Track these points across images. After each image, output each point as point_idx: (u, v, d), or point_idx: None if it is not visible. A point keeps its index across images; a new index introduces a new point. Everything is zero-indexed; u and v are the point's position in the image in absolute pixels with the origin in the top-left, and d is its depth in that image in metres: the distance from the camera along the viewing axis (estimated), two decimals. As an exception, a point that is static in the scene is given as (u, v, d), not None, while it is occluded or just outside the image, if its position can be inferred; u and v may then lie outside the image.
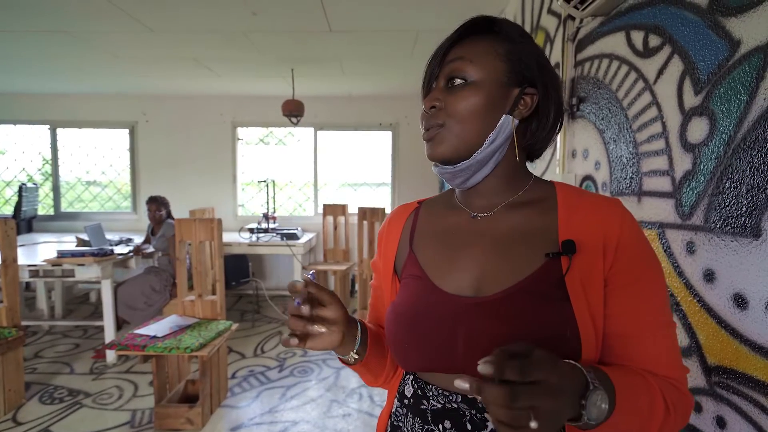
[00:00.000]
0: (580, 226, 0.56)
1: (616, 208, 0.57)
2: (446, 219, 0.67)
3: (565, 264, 0.55)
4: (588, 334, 0.53)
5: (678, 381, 0.55)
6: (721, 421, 0.85)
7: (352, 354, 0.64)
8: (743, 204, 0.80)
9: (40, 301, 3.95)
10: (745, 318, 0.80)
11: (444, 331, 0.57)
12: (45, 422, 2.32)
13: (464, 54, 0.59)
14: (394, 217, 0.73)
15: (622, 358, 0.55)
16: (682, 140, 0.97)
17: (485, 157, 0.59)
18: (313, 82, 4.09)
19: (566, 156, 1.59)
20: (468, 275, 0.60)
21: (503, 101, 0.59)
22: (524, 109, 0.60)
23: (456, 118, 0.58)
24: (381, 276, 0.72)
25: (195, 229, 2.54)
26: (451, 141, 0.59)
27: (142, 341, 2.19)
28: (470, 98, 0.58)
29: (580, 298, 0.54)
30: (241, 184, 5.03)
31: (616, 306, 0.55)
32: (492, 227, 0.62)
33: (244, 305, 4.53)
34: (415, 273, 0.64)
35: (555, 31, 1.70)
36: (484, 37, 0.60)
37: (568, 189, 0.62)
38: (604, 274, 0.55)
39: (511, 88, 0.59)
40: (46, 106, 4.78)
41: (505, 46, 0.59)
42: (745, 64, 0.81)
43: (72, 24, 2.65)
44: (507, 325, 0.54)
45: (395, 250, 0.70)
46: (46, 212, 4.99)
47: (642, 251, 0.56)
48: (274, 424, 2.33)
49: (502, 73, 0.59)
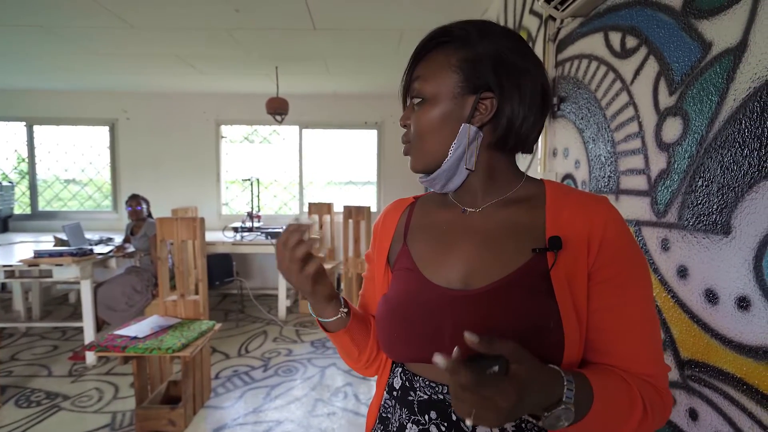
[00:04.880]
0: (567, 223, 0.58)
1: (602, 205, 0.58)
2: (439, 214, 0.69)
3: (551, 259, 0.57)
4: (572, 327, 0.54)
5: (656, 378, 0.56)
6: (694, 414, 0.88)
7: (342, 310, 0.67)
8: (714, 202, 0.82)
9: (17, 302, 3.85)
10: (715, 313, 0.82)
11: (432, 322, 0.59)
12: (22, 426, 2.26)
13: (421, 72, 0.62)
14: (389, 210, 0.75)
15: (602, 353, 0.56)
16: (658, 140, 0.99)
17: (452, 166, 0.62)
18: (298, 80, 4.07)
19: (547, 155, 1.62)
20: (457, 268, 0.62)
21: (460, 111, 0.60)
22: (484, 114, 0.60)
23: (418, 135, 0.63)
24: (374, 267, 0.74)
25: (176, 228, 2.50)
26: (417, 156, 0.64)
27: (123, 342, 2.15)
28: (426, 115, 0.61)
29: (565, 293, 0.55)
30: (225, 183, 4.98)
31: (598, 301, 0.56)
32: (482, 223, 0.64)
33: (229, 305, 4.48)
34: (407, 266, 0.66)
35: (536, 31, 1.72)
36: (441, 49, 0.61)
37: (557, 187, 0.63)
38: (588, 270, 0.56)
39: (466, 97, 0.60)
40: (22, 102, 4.65)
41: (459, 55, 0.59)
42: (716, 66, 0.83)
43: (49, 19, 2.58)
44: (493, 317, 0.56)
45: (389, 242, 0.72)
46: (23, 211, 4.86)
47: (626, 249, 0.57)
48: (259, 424, 2.31)
49: (454, 85, 0.60)
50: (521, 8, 1.94)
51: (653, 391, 0.55)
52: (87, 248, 3.09)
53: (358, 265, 3.87)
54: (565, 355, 0.54)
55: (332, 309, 0.67)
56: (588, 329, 0.57)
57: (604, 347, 0.56)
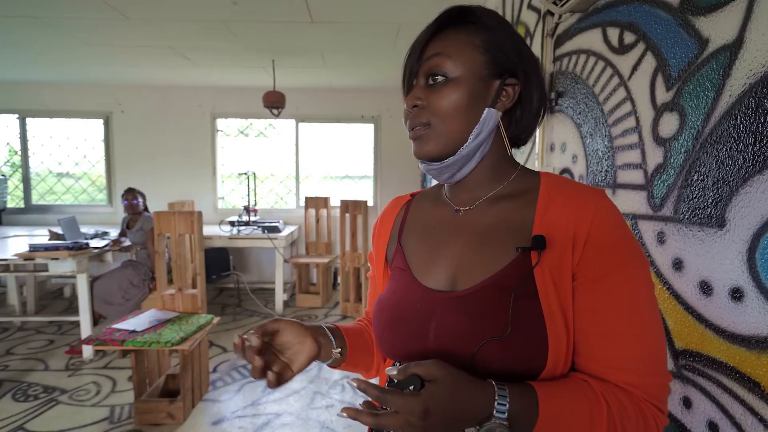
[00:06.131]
0: (554, 220, 0.55)
1: (592, 199, 0.55)
2: (433, 213, 0.68)
3: (535, 259, 0.54)
4: (556, 330, 0.52)
5: (642, 389, 0.51)
6: (687, 402, 0.90)
7: (335, 351, 0.63)
8: (710, 196, 0.84)
9: (11, 296, 3.83)
10: (709, 304, 0.84)
11: (419, 323, 0.58)
12: (19, 419, 2.26)
13: (442, 49, 0.58)
14: (387, 209, 0.75)
15: (585, 357, 0.53)
16: (654, 135, 1.01)
17: (470, 152, 0.59)
18: (295, 73, 4.05)
19: (545, 149, 1.63)
20: (446, 270, 0.60)
21: (485, 94, 0.58)
22: (507, 100, 0.59)
23: (440, 117, 0.58)
24: (374, 267, 0.74)
25: (174, 221, 2.50)
26: (437, 139, 0.58)
27: (121, 336, 2.16)
28: (452, 95, 0.57)
29: (550, 294, 0.53)
30: (221, 177, 4.96)
31: (581, 302, 0.53)
32: (472, 222, 0.62)
33: (225, 299, 4.49)
34: (400, 266, 0.66)
35: (535, 26, 1.73)
36: (461, 28, 0.59)
37: (553, 181, 0.60)
38: (573, 269, 0.53)
39: (491, 80, 0.58)
40: (15, 94, 4.59)
41: (482, 37, 0.58)
42: (712, 62, 0.84)
43: (43, 10, 2.55)
44: (474, 321, 0.54)
45: (386, 242, 0.71)
46: (16, 205, 4.82)
47: (616, 247, 0.53)
48: (257, 416, 2.33)
49: (481, 66, 0.58)
50: (519, 2, 1.94)
51: (630, 403, 0.50)
52: (83, 242, 3.08)
53: (354, 259, 3.88)
54: (549, 359, 0.51)
55: (324, 356, 0.62)
56: (574, 331, 0.53)
57: (586, 351, 0.53)
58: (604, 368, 0.52)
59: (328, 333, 0.63)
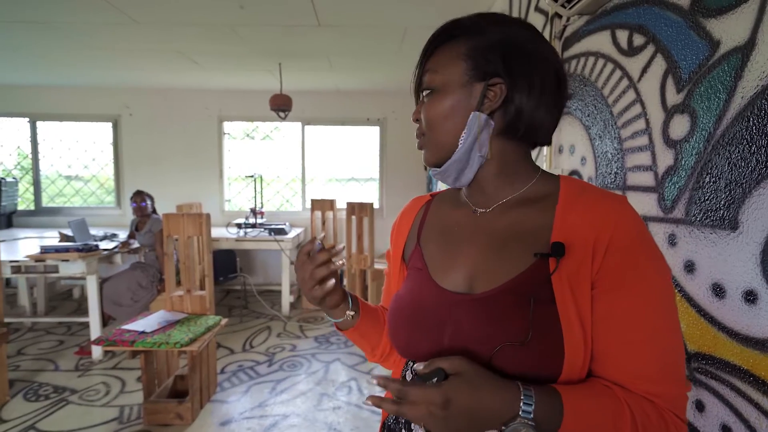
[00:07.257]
0: (574, 226, 0.55)
1: (614, 207, 0.54)
2: (452, 214, 0.69)
3: (553, 265, 0.54)
4: (573, 337, 0.52)
5: (663, 398, 0.51)
6: (700, 405, 0.90)
7: (348, 312, 0.69)
8: (722, 198, 0.84)
9: (22, 297, 3.87)
10: (722, 306, 0.84)
11: (435, 324, 0.59)
12: (30, 419, 2.29)
13: (431, 66, 0.61)
14: (407, 209, 0.77)
15: (604, 366, 0.53)
16: (665, 137, 1.01)
17: (463, 156, 0.60)
18: (301, 76, 4.07)
19: (553, 152, 1.63)
20: (464, 272, 0.61)
21: (468, 99, 0.59)
22: (494, 101, 0.58)
23: (429, 127, 0.62)
24: (391, 265, 0.76)
25: (183, 224, 2.52)
26: (431, 148, 0.63)
27: (131, 336, 2.18)
28: (435, 105, 0.61)
29: (568, 301, 0.53)
30: (228, 179, 4.99)
31: (601, 310, 0.53)
32: (491, 224, 0.62)
33: (232, 300, 4.50)
34: (418, 266, 0.67)
35: (542, 29, 1.73)
36: (450, 42, 0.60)
37: (573, 186, 0.60)
38: (592, 277, 0.53)
39: (474, 85, 0.59)
40: (26, 98, 4.65)
41: (468, 44, 0.59)
42: (724, 64, 0.84)
43: (51, 14, 2.59)
44: (491, 325, 0.55)
45: (404, 241, 0.73)
46: (26, 207, 4.87)
47: (637, 256, 0.52)
48: (264, 418, 2.34)
49: (462, 73, 0.59)
50: (526, 5, 1.94)
51: (653, 412, 0.50)
52: (93, 244, 3.11)
53: (360, 261, 3.89)
54: (565, 366, 0.51)
55: (340, 311, 0.69)
56: (593, 339, 0.53)
57: (606, 359, 0.53)
58: (625, 376, 0.52)
59: (348, 297, 0.70)
